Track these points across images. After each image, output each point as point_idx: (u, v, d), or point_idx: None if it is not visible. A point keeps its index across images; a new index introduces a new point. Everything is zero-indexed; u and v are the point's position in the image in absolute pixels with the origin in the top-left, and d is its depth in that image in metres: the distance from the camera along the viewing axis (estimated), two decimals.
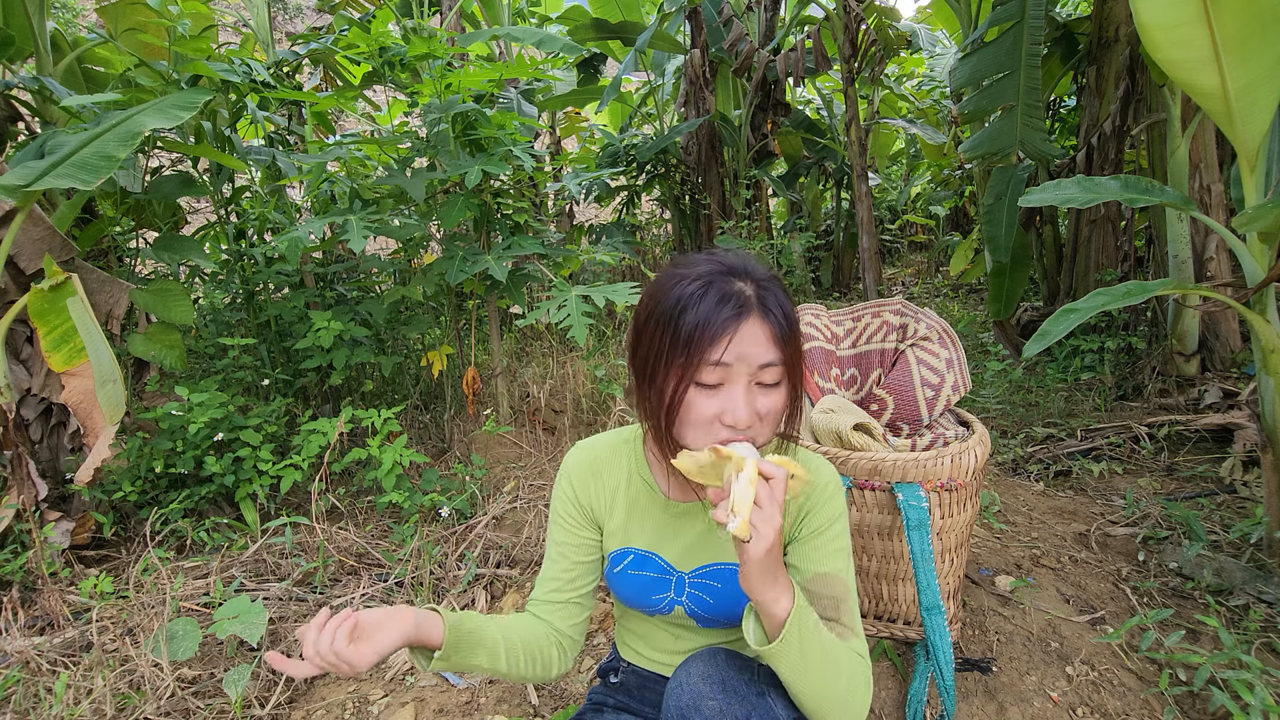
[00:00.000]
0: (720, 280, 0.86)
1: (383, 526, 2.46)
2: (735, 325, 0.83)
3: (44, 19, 2.73)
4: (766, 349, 0.85)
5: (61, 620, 1.87)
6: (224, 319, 3.09)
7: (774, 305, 0.86)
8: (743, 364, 0.84)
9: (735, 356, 0.83)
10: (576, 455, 1.07)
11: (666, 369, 0.86)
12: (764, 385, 0.86)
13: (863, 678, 0.88)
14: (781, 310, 0.87)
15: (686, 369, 0.84)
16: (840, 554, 0.96)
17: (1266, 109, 1.62)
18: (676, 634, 1.09)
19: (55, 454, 2.38)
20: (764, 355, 0.84)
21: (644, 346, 0.89)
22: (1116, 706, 1.47)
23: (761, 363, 0.84)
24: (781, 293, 0.88)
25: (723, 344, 0.83)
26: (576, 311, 2.37)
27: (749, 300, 0.85)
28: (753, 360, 0.84)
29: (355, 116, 4.52)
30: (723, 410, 0.85)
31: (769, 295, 0.86)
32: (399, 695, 1.65)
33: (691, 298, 0.85)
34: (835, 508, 0.97)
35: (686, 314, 0.84)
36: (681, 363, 0.84)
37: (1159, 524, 2.16)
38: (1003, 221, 3.73)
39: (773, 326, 0.85)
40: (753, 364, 0.84)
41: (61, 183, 1.91)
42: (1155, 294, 1.71)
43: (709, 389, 0.85)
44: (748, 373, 0.84)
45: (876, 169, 8.57)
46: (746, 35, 5.09)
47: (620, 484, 1.05)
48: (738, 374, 0.84)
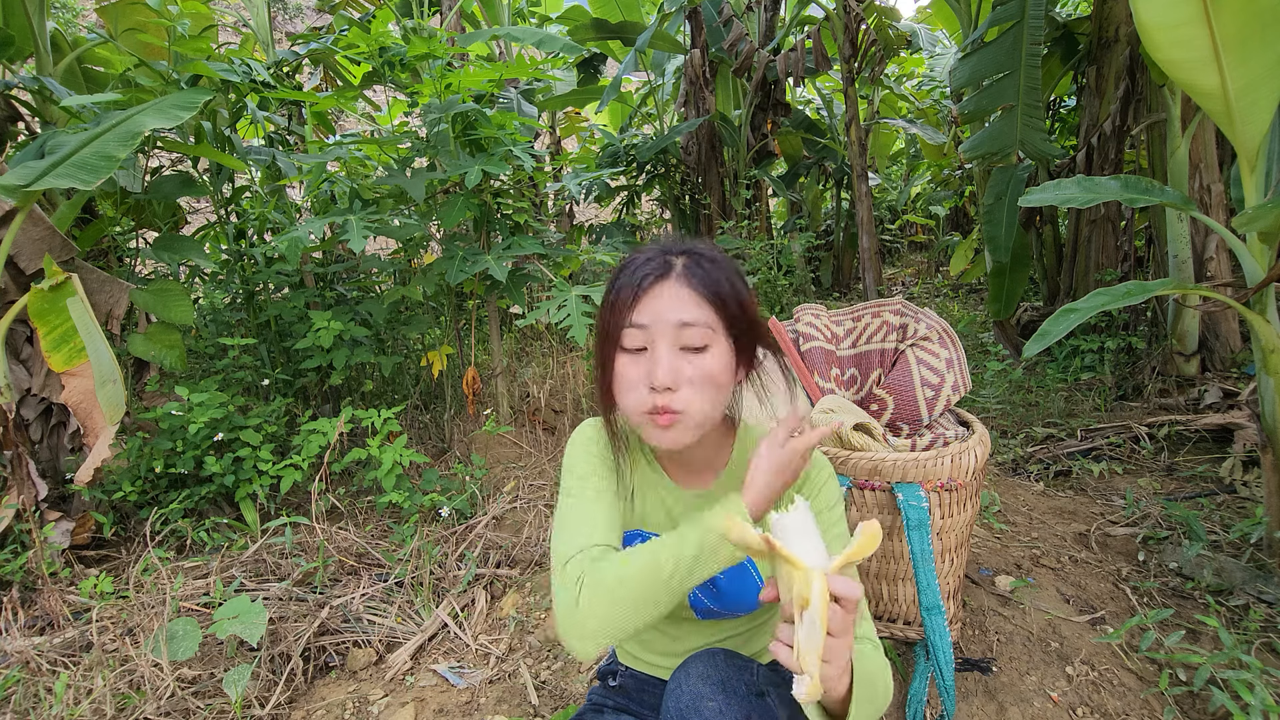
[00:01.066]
0: (656, 257, 0.88)
1: (383, 526, 2.46)
2: (652, 286, 0.86)
3: (44, 19, 2.73)
4: (684, 308, 0.85)
5: (61, 620, 1.87)
6: (224, 319, 3.09)
7: (701, 272, 0.87)
8: (661, 324, 0.85)
9: (651, 317, 0.85)
10: (594, 425, 1.02)
11: (601, 341, 0.89)
12: (691, 349, 0.86)
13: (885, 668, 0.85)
14: (709, 277, 0.87)
15: (612, 334, 0.87)
16: (840, 539, 0.96)
17: (1266, 109, 1.62)
18: (674, 634, 1.09)
19: (55, 454, 2.38)
20: (681, 314, 0.85)
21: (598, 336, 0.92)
22: (1116, 706, 1.47)
23: (679, 320, 0.84)
24: (721, 265, 0.89)
25: (639, 304, 0.85)
26: (576, 311, 2.38)
27: (673, 265, 0.87)
28: (668, 318, 0.85)
29: (355, 116, 4.52)
30: (647, 372, 0.85)
31: (699, 264, 0.87)
32: (399, 695, 1.65)
33: (623, 271, 0.89)
34: (831, 492, 0.98)
35: (612, 287, 0.89)
36: (608, 330, 0.88)
37: (1159, 524, 2.16)
38: (1003, 221, 3.73)
39: (695, 289, 0.86)
40: (669, 322, 0.84)
41: (61, 183, 1.91)
42: (1155, 294, 1.71)
43: (635, 353, 0.87)
44: (667, 334, 0.85)
45: (876, 169, 8.57)
46: (746, 35, 5.09)
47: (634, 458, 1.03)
48: (658, 334, 0.85)
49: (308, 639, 1.76)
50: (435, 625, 1.88)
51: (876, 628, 1.69)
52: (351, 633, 1.84)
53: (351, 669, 1.76)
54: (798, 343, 1.94)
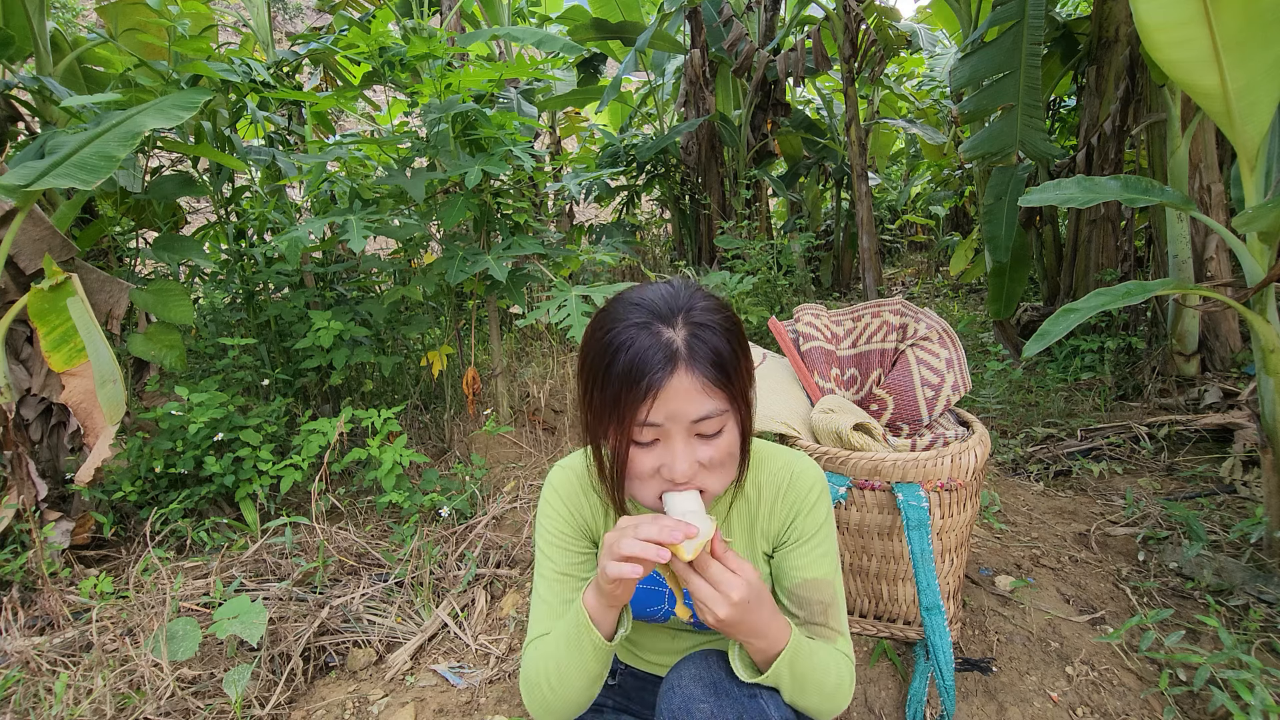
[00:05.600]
0: (645, 332, 0.80)
1: (383, 526, 2.46)
2: (662, 382, 0.78)
3: (44, 19, 2.73)
4: (698, 403, 0.80)
5: (61, 620, 1.87)
6: (224, 319, 3.09)
7: (705, 349, 0.80)
8: (674, 423, 0.80)
9: (664, 416, 0.80)
10: (562, 474, 1.02)
11: (604, 426, 0.83)
12: (705, 436, 0.83)
13: (848, 675, 0.92)
14: (712, 355, 0.80)
15: (620, 430, 0.81)
16: (827, 558, 0.96)
17: (1266, 109, 1.62)
18: (671, 634, 1.09)
19: (55, 454, 2.38)
20: (696, 410, 0.80)
21: (584, 398, 0.86)
22: (1116, 706, 1.47)
23: (694, 418, 0.80)
24: (718, 331, 0.82)
25: (648, 405, 0.79)
26: (576, 311, 2.38)
27: (676, 352, 0.79)
28: (684, 417, 0.80)
29: (355, 116, 4.52)
30: (661, 464, 0.83)
31: (700, 340, 0.80)
32: (399, 695, 1.65)
33: (618, 351, 0.80)
34: (821, 511, 0.97)
35: (612, 370, 0.80)
36: (615, 424, 0.81)
37: (1159, 524, 2.16)
38: (1003, 221, 3.72)
39: (703, 377, 0.79)
40: (684, 420, 0.80)
41: (61, 183, 1.91)
42: (1155, 294, 1.71)
43: (646, 446, 0.83)
44: (682, 430, 0.81)
45: (876, 169, 8.57)
46: (746, 35, 5.09)
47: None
48: (672, 432, 0.81)
49: (308, 639, 1.76)
50: (435, 625, 1.88)
51: (877, 627, 1.70)
52: (351, 633, 1.84)
53: (351, 669, 1.76)
54: (798, 343, 1.94)
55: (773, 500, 0.98)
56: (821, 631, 0.94)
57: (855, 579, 1.68)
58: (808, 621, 0.94)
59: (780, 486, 0.98)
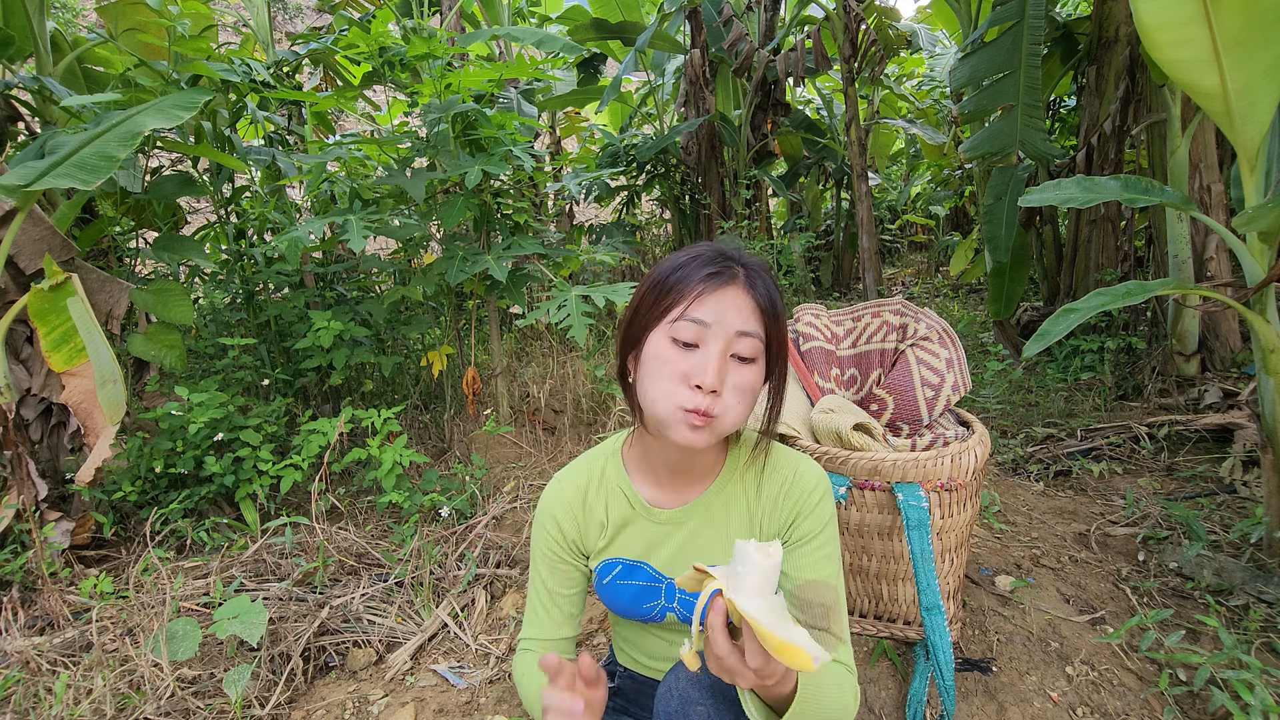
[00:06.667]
0: (713, 255, 0.89)
1: (383, 526, 2.46)
2: (718, 286, 0.85)
3: (44, 19, 2.73)
4: (746, 318, 0.85)
5: (61, 620, 1.87)
6: (224, 319, 3.09)
7: (760, 285, 0.88)
8: (720, 327, 0.84)
9: (714, 317, 0.84)
10: (557, 490, 1.04)
11: (647, 324, 0.88)
12: (740, 359, 0.86)
13: (851, 692, 0.88)
14: (767, 292, 0.88)
15: (664, 319, 0.86)
16: (830, 560, 0.95)
17: (1266, 109, 1.62)
18: (669, 638, 1.09)
19: (55, 454, 2.38)
20: (743, 323, 0.85)
21: (634, 314, 0.91)
22: (1116, 706, 1.47)
23: (740, 329, 0.84)
24: (770, 281, 0.90)
25: (704, 301, 0.84)
26: (576, 311, 2.37)
27: (736, 271, 0.87)
28: (730, 324, 0.84)
29: (355, 116, 4.52)
30: (692, 368, 0.84)
31: (757, 276, 0.89)
32: (399, 695, 1.65)
33: (682, 265, 0.88)
34: (824, 512, 0.97)
35: (673, 275, 0.87)
36: (660, 313, 0.86)
37: (1159, 524, 2.16)
38: (1003, 221, 3.73)
39: (757, 299, 0.87)
40: (730, 329, 0.84)
41: (61, 183, 1.91)
42: (1155, 294, 1.71)
43: (684, 347, 0.85)
44: (724, 337, 0.84)
45: (876, 169, 8.57)
46: (746, 35, 5.09)
47: (606, 506, 1.03)
48: (714, 336, 0.84)
49: (308, 639, 1.76)
50: (435, 625, 1.88)
51: (877, 627, 1.69)
52: (351, 633, 1.84)
53: (351, 669, 1.76)
54: (798, 343, 1.94)
55: (774, 499, 0.98)
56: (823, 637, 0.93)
57: (855, 579, 1.68)
58: (808, 625, 0.94)
59: (783, 485, 0.97)
